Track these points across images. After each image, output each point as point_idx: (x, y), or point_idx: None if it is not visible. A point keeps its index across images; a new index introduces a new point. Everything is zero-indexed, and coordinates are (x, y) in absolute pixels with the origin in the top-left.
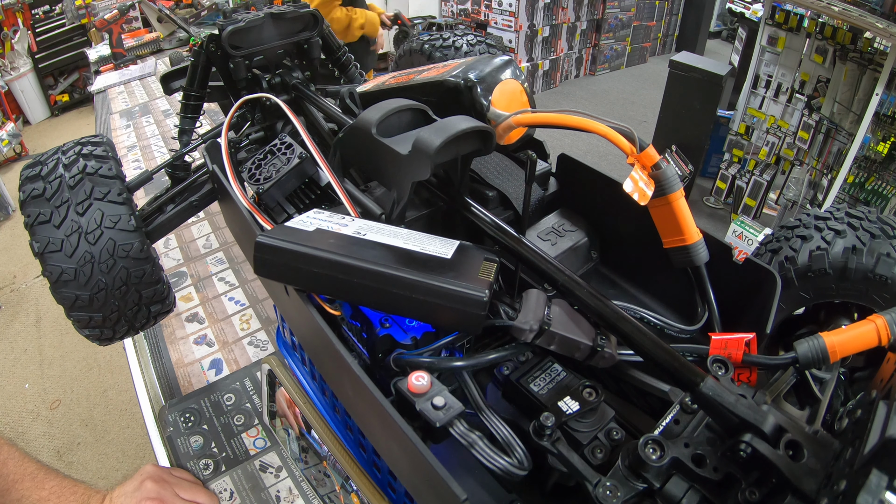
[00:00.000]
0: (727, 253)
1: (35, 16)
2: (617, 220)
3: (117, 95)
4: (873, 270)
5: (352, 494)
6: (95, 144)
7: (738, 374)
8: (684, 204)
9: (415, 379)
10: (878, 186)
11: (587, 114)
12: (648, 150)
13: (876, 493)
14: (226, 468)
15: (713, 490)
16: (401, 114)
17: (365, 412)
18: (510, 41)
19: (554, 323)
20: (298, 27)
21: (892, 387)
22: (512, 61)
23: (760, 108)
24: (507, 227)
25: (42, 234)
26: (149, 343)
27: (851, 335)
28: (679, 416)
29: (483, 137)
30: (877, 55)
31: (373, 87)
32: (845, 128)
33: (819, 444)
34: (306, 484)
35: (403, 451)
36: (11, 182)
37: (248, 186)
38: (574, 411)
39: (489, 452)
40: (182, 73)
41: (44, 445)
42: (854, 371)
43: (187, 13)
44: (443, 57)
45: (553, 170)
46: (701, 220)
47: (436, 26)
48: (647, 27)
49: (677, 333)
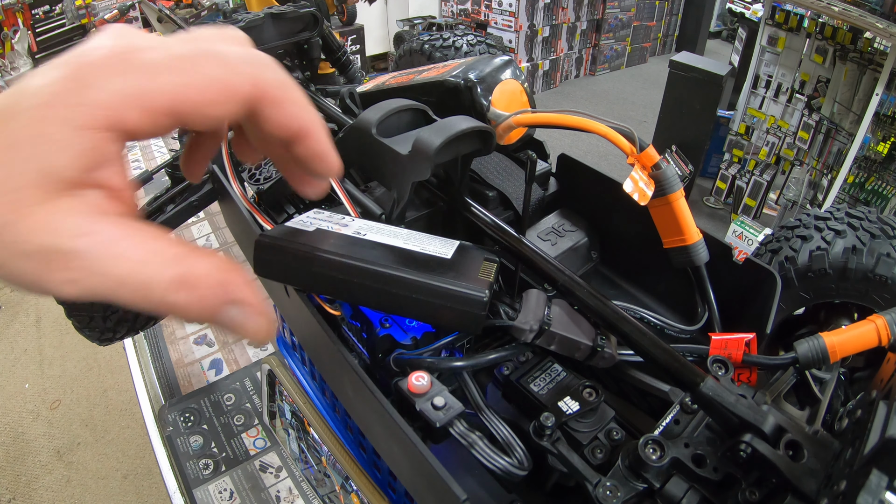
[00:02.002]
0: (727, 253)
1: (35, 16)
2: (617, 220)
3: None
4: (873, 270)
5: (352, 494)
6: None
7: (738, 374)
8: (684, 204)
9: (415, 379)
10: (878, 186)
11: (587, 114)
12: (648, 151)
13: (876, 493)
14: (226, 468)
15: (713, 490)
16: (401, 114)
17: (365, 412)
18: (510, 41)
19: (554, 323)
20: (298, 27)
21: (892, 387)
22: (512, 61)
23: (760, 109)
24: (507, 227)
25: None
26: (149, 343)
27: (851, 335)
28: (679, 416)
29: (483, 137)
30: (877, 55)
31: (373, 87)
32: (845, 128)
33: (819, 444)
34: (306, 484)
35: (403, 451)
36: None
37: (248, 186)
38: (574, 411)
39: (489, 452)
40: None
41: (44, 445)
42: (854, 371)
43: (187, 13)
44: (443, 57)
45: (553, 170)
46: (701, 220)
47: (436, 26)
48: (647, 27)
49: (677, 333)
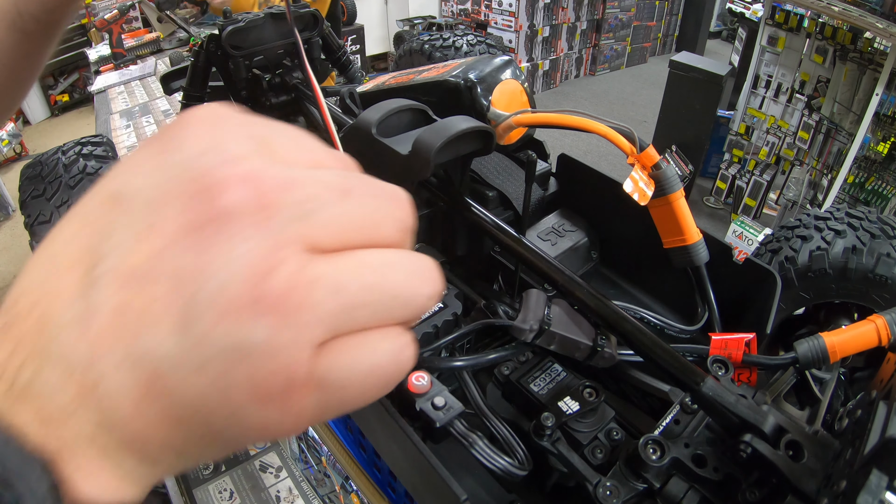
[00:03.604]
0: (727, 253)
1: None
2: (617, 220)
3: (117, 95)
4: (873, 270)
5: (352, 494)
6: (95, 144)
7: (738, 374)
8: (684, 204)
9: (415, 379)
10: (878, 186)
11: (587, 114)
12: (648, 150)
13: (876, 493)
14: (226, 468)
15: (713, 490)
16: (401, 114)
17: (365, 412)
18: (510, 41)
19: (554, 323)
20: (298, 27)
21: (892, 387)
22: (512, 61)
23: (760, 108)
24: (507, 227)
25: (42, 234)
26: None
27: (851, 335)
28: (679, 416)
29: (483, 137)
30: (877, 55)
31: (373, 87)
32: (845, 128)
33: (819, 444)
34: (306, 484)
35: (403, 451)
36: (11, 182)
37: None
38: (574, 411)
39: (489, 452)
40: (182, 73)
41: None
42: (854, 371)
43: (187, 13)
44: (443, 57)
45: (553, 170)
46: (701, 220)
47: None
48: (647, 27)
49: (677, 333)
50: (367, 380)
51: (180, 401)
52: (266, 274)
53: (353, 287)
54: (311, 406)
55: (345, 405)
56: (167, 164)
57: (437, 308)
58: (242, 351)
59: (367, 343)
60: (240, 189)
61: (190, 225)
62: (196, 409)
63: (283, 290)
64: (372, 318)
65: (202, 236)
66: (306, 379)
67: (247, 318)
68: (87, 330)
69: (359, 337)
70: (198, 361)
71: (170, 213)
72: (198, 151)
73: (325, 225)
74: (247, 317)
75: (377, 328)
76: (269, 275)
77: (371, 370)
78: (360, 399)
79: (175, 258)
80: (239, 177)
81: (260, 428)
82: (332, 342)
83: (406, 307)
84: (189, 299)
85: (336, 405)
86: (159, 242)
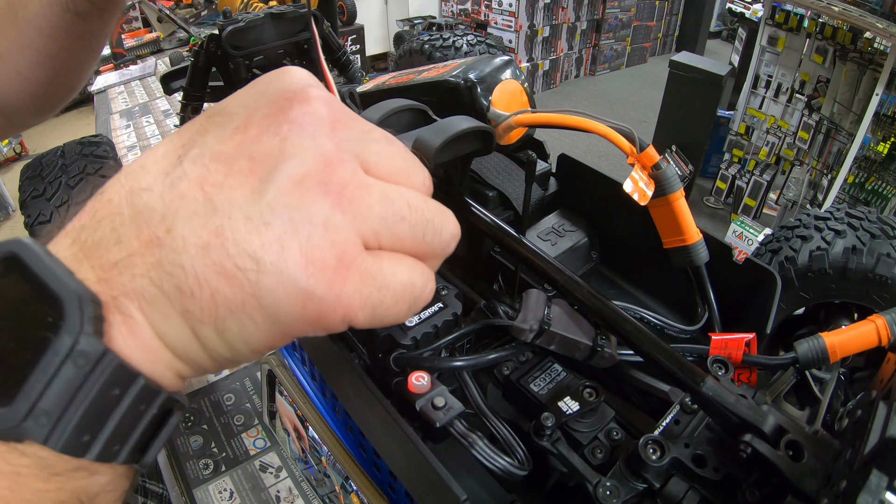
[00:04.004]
0: (727, 253)
1: None
2: (617, 220)
3: (117, 95)
4: (873, 270)
5: (352, 494)
6: (95, 144)
7: (738, 375)
8: (684, 204)
9: (415, 379)
10: (878, 186)
11: (587, 114)
12: (648, 150)
13: (876, 493)
14: (226, 468)
15: (713, 490)
16: (401, 114)
17: (365, 412)
18: (510, 41)
19: (554, 323)
20: (298, 27)
21: (892, 387)
22: (512, 61)
23: (760, 108)
24: (507, 227)
25: (42, 234)
26: None
27: (851, 335)
28: (679, 416)
29: (483, 137)
30: (877, 55)
31: (373, 87)
32: (845, 128)
33: (819, 444)
34: (306, 484)
35: (403, 451)
36: (11, 182)
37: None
38: (574, 411)
39: (489, 452)
40: (182, 73)
41: None
42: (854, 371)
43: (187, 13)
44: (443, 57)
45: (553, 170)
46: (701, 220)
47: (436, 26)
48: (647, 27)
49: (677, 333)
50: (402, 291)
51: (237, 253)
52: (333, 166)
53: (397, 201)
54: (351, 291)
55: (379, 310)
56: (260, 90)
57: (437, 308)
58: (305, 219)
59: (405, 262)
60: (319, 104)
61: (275, 121)
62: (249, 263)
63: (345, 182)
64: (408, 234)
65: (284, 130)
66: (352, 261)
67: (315, 194)
68: (167, 193)
69: (398, 255)
70: (264, 220)
71: (257, 117)
72: (288, 82)
73: (378, 154)
74: (315, 193)
75: (412, 256)
76: (335, 167)
77: (405, 285)
78: (393, 308)
79: (258, 144)
80: (320, 98)
81: (303, 298)
82: (377, 252)
83: (436, 235)
84: (267, 173)
85: (372, 306)
86: (247, 135)
